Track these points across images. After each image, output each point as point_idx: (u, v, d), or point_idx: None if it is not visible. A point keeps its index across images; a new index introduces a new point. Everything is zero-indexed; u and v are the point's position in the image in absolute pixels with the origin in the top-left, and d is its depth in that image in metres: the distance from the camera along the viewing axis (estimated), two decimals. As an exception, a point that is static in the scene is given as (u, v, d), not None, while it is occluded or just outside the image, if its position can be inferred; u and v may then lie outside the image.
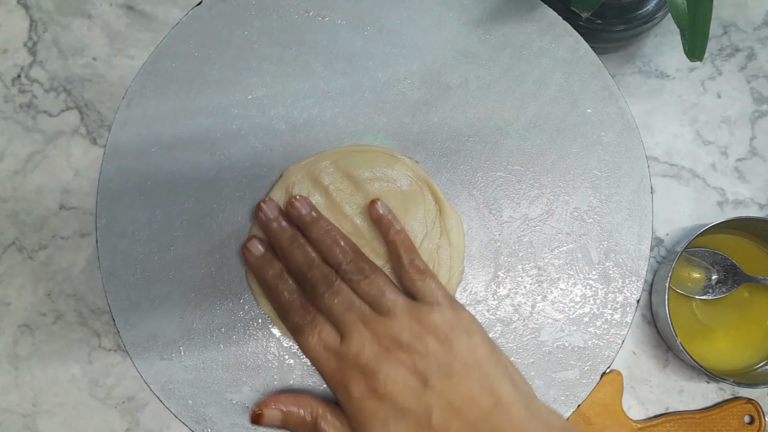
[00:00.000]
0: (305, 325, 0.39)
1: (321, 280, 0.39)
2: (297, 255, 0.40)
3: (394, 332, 0.37)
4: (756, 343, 0.51)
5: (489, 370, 0.37)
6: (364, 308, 0.39)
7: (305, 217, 0.40)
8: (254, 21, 0.43)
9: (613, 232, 0.43)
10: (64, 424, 0.51)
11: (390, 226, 0.41)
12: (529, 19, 0.43)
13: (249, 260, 0.41)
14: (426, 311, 0.38)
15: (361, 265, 0.39)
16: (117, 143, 0.42)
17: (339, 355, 0.38)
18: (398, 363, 0.37)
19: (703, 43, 0.38)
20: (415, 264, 0.40)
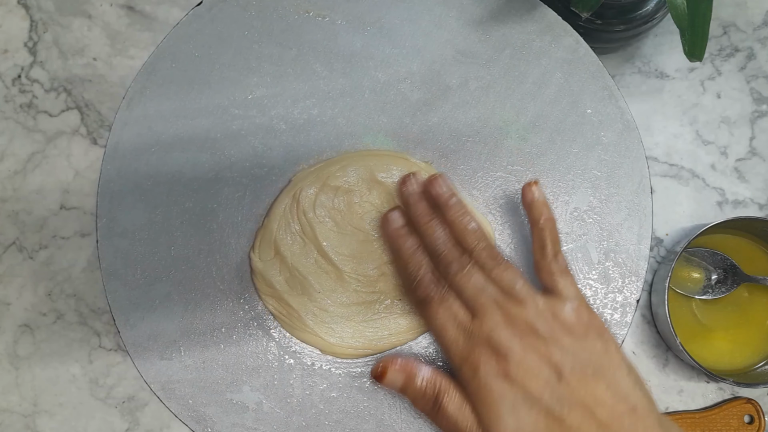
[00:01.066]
0: (436, 298, 0.38)
1: (455, 260, 0.39)
2: (434, 233, 0.39)
3: (530, 319, 0.37)
4: (756, 343, 0.51)
5: (623, 376, 0.36)
6: (497, 292, 0.38)
7: (444, 195, 0.40)
8: (254, 21, 0.43)
9: (612, 232, 0.43)
10: (64, 424, 0.51)
11: (544, 211, 0.39)
12: (529, 19, 0.43)
13: (387, 230, 0.41)
14: (561, 306, 0.37)
15: (494, 253, 0.39)
16: (117, 143, 0.42)
17: (469, 332, 0.37)
18: (533, 350, 0.36)
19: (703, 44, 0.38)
20: (559, 257, 0.39)
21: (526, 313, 0.37)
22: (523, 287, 0.38)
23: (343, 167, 0.42)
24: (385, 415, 0.41)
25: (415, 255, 0.40)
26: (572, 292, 0.38)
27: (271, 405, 0.41)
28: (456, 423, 0.36)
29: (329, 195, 0.41)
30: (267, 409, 0.41)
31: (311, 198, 0.41)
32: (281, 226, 0.41)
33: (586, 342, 0.36)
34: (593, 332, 0.37)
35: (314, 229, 0.41)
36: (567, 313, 0.37)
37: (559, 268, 0.39)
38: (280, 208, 0.41)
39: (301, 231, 0.41)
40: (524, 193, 0.40)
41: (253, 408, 0.41)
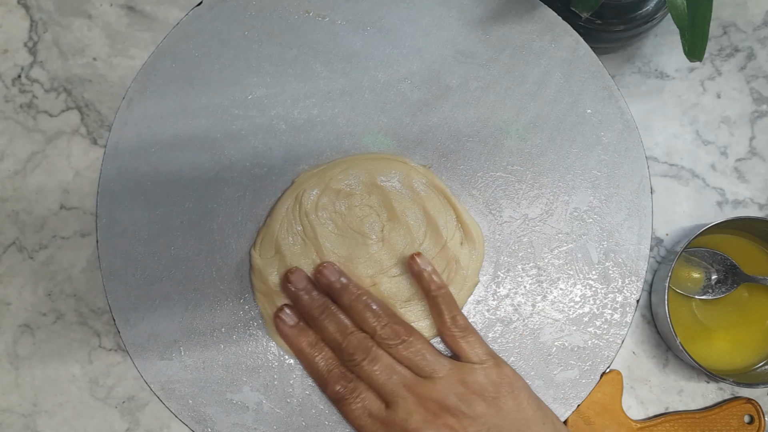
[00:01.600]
0: (347, 394, 0.39)
1: (358, 347, 0.38)
2: (330, 324, 0.39)
3: (440, 396, 0.37)
4: (756, 343, 0.51)
5: (538, 429, 0.37)
6: (406, 373, 0.38)
7: (335, 284, 0.40)
8: (254, 21, 0.43)
9: (612, 232, 0.43)
10: (64, 424, 0.51)
11: (431, 281, 0.40)
12: (529, 19, 0.43)
13: (282, 331, 0.40)
14: (470, 372, 0.38)
15: (396, 329, 0.39)
16: (117, 143, 0.42)
17: (385, 423, 0.38)
18: (447, 428, 0.37)
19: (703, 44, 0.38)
20: (457, 321, 0.40)
21: (435, 390, 0.37)
22: (431, 359, 0.38)
23: (344, 170, 0.42)
24: (385, 415, 0.41)
25: (315, 352, 0.40)
26: (477, 352, 0.39)
27: (271, 405, 0.41)
28: None
29: (331, 197, 0.41)
30: (267, 409, 0.41)
31: (314, 200, 0.41)
32: (283, 225, 0.41)
33: (499, 403, 0.37)
34: (504, 390, 0.38)
35: (315, 231, 0.41)
36: (477, 377, 0.38)
37: (459, 331, 0.39)
38: (282, 208, 0.41)
39: (302, 232, 0.41)
40: (409, 266, 0.41)
41: (253, 408, 0.41)
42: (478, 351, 0.39)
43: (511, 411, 0.37)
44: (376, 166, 0.42)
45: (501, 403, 0.37)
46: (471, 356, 0.39)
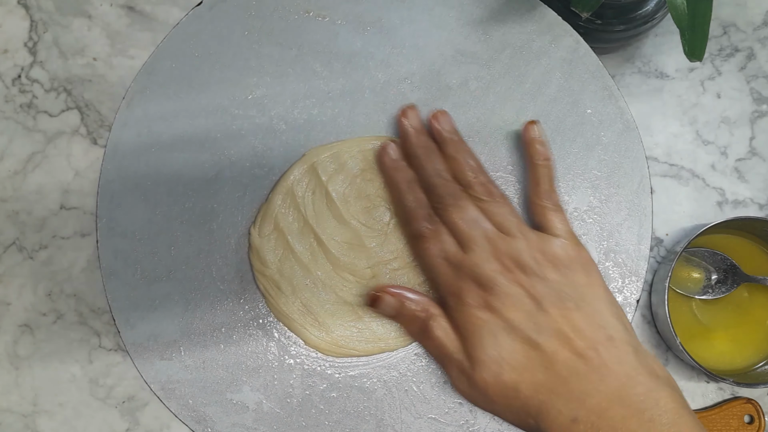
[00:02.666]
0: (428, 233, 0.39)
1: (449, 193, 0.39)
2: (430, 165, 0.40)
3: (516, 253, 0.38)
4: (756, 343, 0.51)
5: (602, 307, 0.37)
6: (489, 227, 0.39)
7: (444, 132, 0.41)
8: (254, 21, 0.43)
9: (612, 232, 0.43)
10: (64, 424, 0.51)
11: (542, 151, 0.41)
12: (529, 19, 0.43)
13: (384, 162, 0.41)
14: (549, 241, 0.39)
15: (490, 188, 0.40)
16: (117, 143, 0.42)
17: (457, 265, 0.38)
18: (516, 282, 0.37)
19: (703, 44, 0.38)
20: (552, 195, 0.41)
21: (513, 247, 0.38)
22: (515, 223, 0.39)
23: (363, 152, 0.42)
24: (385, 415, 0.42)
25: (409, 189, 0.41)
26: (562, 228, 0.40)
27: (271, 405, 0.41)
28: (442, 346, 0.38)
29: (342, 180, 0.41)
30: (267, 409, 0.41)
31: (325, 177, 0.41)
32: (285, 200, 0.41)
33: (570, 275, 0.38)
34: (578, 266, 0.38)
35: (317, 211, 0.41)
36: (554, 248, 0.39)
37: (551, 205, 0.40)
38: (288, 181, 0.41)
39: (304, 209, 0.41)
40: (525, 131, 0.42)
41: (253, 408, 0.41)
42: (561, 227, 0.40)
43: (581, 284, 0.38)
44: None
45: (573, 275, 0.38)
46: (555, 229, 0.39)
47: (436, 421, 0.42)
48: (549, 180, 0.41)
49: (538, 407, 0.35)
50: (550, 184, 0.41)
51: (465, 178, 0.40)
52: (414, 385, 0.42)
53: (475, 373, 0.37)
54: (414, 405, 0.42)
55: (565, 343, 0.36)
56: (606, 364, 0.35)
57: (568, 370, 0.35)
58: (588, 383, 0.35)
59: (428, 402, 0.42)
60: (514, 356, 0.36)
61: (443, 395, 0.42)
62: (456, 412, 0.42)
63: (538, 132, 0.41)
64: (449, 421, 0.42)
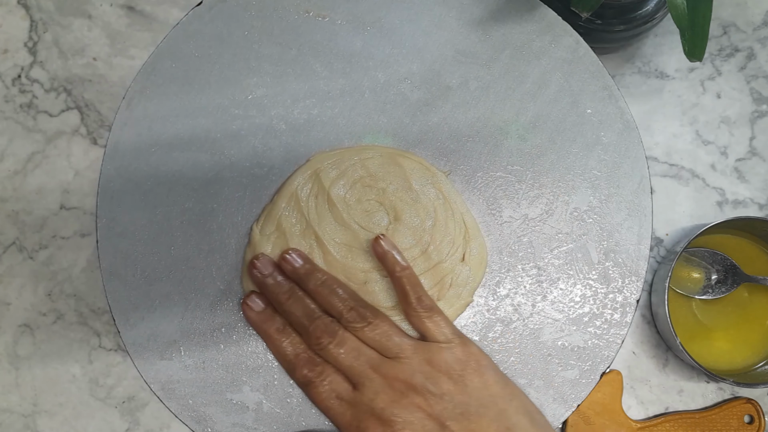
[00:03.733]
0: (314, 377, 0.39)
1: (324, 331, 0.39)
2: (296, 309, 0.39)
3: (406, 375, 0.37)
4: (756, 343, 0.51)
5: (505, 406, 0.37)
6: (372, 354, 0.38)
7: (299, 269, 0.40)
8: (254, 21, 0.43)
9: (612, 232, 0.43)
10: (64, 424, 0.51)
11: (395, 263, 0.40)
12: (529, 19, 0.43)
13: (250, 317, 0.41)
14: (436, 351, 0.38)
15: (362, 312, 0.39)
16: (117, 143, 0.42)
17: (352, 404, 0.38)
18: (414, 407, 0.37)
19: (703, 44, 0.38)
20: (422, 301, 0.40)
21: (402, 370, 0.38)
22: (396, 340, 0.39)
23: (364, 159, 0.42)
24: (385, 415, 0.41)
25: (283, 337, 0.40)
26: (443, 331, 0.39)
27: (271, 405, 0.41)
28: None
29: (345, 185, 0.41)
30: (267, 409, 0.41)
31: (327, 184, 0.41)
32: (290, 204, 0.41)
33: (465, 381, 0.37)
34: (470, 368, 0.38)
35: (319, 213, 0.41)
36: (441, 355, 0.38)
37: (424, 312, 0.39)
38: (292, 186, 0.41)
39: (307, 212, 0.41)
40: (374, 248, 0.41)
41: (253, 408, 0.41)
42: (444, 330, 0.39)
43: (477, 388, 0.37)
44: (397, 165, 0.42)
45: (467, 381, 0.37)
46: (437, 336, 0.39)
47: (436, 421, 0.42)
48: (414, 287, 0.40)
49: None
50: (416, 292, 0.40)
51: (335, 308, 0.39)
52: (414, 385, 0.42)
53: None
54: (414, 405, 0.42)
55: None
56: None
57: None
58: None
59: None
60: None
61: (443, 395, 0.42)
62: (456, 412, 0.42)
63: (388, 245, 0.40)
64: (449, 421, 0.42)
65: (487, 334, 0.42)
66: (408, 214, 0.41)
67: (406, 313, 0.40)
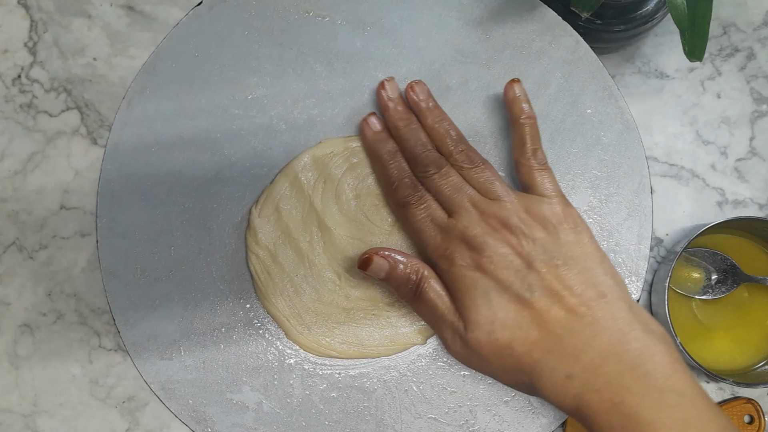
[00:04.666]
0: (414, 200, 0.40)
1: (432, 162, 0.40)
2: (411, 136, 0.40)
3: (502, 214, 0.38)
4: (756, 343, 0.51)
5: (593, 265, 0.37)
6: (473, 192, 0.39)
7: (421, 103, 0.41)
8: (254, 21, 0.43)
9: (612, 232, 0.43)
10: (64, 424, 0.51)
11: (525, 109, 0.41)
12: (529, 19, 0.43)
13: (366, 134, 0.42)
14: (536, 202, 0.39)
15: (472, 156, 0.40)
16: (117, 143, 0.42)
17: (445, 229, 0.39)
18: (505, 242, 0.37)
19: (703, 44, 0.38)
20: (537, 154, 0.40)
21: (500, 209, 0.38)
22: (498, 187, 0.39)
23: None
24: (385, 415, 0.42)
25: (393, 159, 0.41)
26: (549, 187, 0.39)
27: (271, 405, 0.41)
28: (435, 308, 0.38)
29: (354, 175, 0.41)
30: (267, 409, 0.41)
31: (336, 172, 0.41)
32: (293, 185, 0.41)
33: (559, 234, 0.38)
34: (566, 225, 0.38)
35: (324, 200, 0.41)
36: (541, 208, 0.38)
37: (537, 164, 0.40)
38: (295, 168, 0.41)
39: (312, 196, 0.41)
40: (506, 90, 0.41)
41: (253, 408, 0.41)
42: (549, 186, 0.39)
43: (570, 243, 0.38)
44: None
45: (560, 235, 0.38)
46: (542, 189, 0.39)
47: (436, 421, 0.42)
48: (533, 138, 0.40)
49: (532, 365, 0.35)
50: (534, 143, 0.40)
51: (446, 147, 0.40)
52: (414, 385, 0.42)
53: (468, 333, 0.37)
54: (414, 405, 0.42)
55: (557, 301, 0.36)
56: (599, 320, 0.35)
57: (561, 327, 0.35)
58: (581, 340, 0.34)
59: (428, 402, 0.42)
60: (506, 315, 0.36)
61: (443, 395, 0.42)
62: (456, 412, 0.42)
63: (520, 90, 0.41)
64: (449, 421, 0.42)
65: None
66: None
67: (518, 163, 0.41)
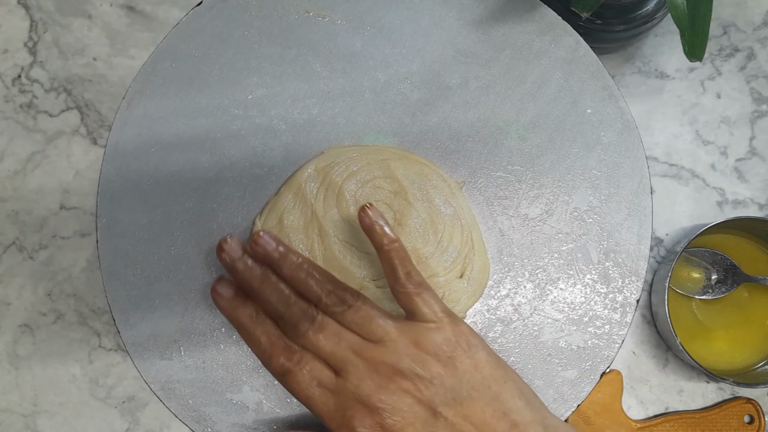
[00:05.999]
0: (292, 366, 0.36)
1: (302, 317, 0.36)
2: (270, 294, 0.36)
3: (393, 359, 0.35)
4: (756, 343, 0.51)
5: (498, 389, 0.35)
6: (355, 339, 0.36)
7: (272, 253, 0.37)
8: (254, 21, 0.43)
9: (612, 232, 0.43)
10: (64, 424, 0.51)
11: (383, 234, 0.37)
12: (529, 19, 0.43)
13: (220, 305, 0.38)
14: (423, 331, 0.36)
15: (341, 295, 0.37)
16: (117, 143, 0.42)
17: (336, 392, 0.35)
18: (402, 392, 0.35)
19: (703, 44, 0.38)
20: (411, 277, 0.37)
21: (387, 354, 0.35)
22: (379, 325, 0.36)
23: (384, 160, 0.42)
24: (385, 415, 0.41)
25: (256, 325, 0.37)
26: (431, 309, 0.37)
27: (271, 405, 0.41)
28: None
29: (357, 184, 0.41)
30: (267, 409, 0.41)
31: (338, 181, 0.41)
32: (297, 196, 0.41)
33: (455, 363, 0.35)
34: (460, 350, 0.36)
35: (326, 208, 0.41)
36: (430, 336, 0.36)
37: (413, 287, 0.37)
38: (301, 178, 0.41)
39: (314, 205, 0.41)
40: (360, 219, 0.38)
41: (253, 408, 0.41)
42: (434, 308, 0.36)
43: (469, 371, 0.35)
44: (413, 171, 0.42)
45: (457, 363, 0.35)
46: (426, 313, 0.36)
47: (436, 421, 0.42)
48: (403, 262, 0.37)
49: None
50: (405, 266, 0.37)
51: (313, 293, 0.36)
52: (414, 385, 0.42)
53: None
54: (414, 405, 0.42)
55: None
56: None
57: None
58: None
59: (428, 402, 0.42)
60: None
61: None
62: (456, 412, 0.42)
63: (373, 215, 0.37)
64: (449, 421, 0.42)
65: (487, 334, 0.42)
66: (413, 221, 0.41)
67: (393, 290, 0.37)
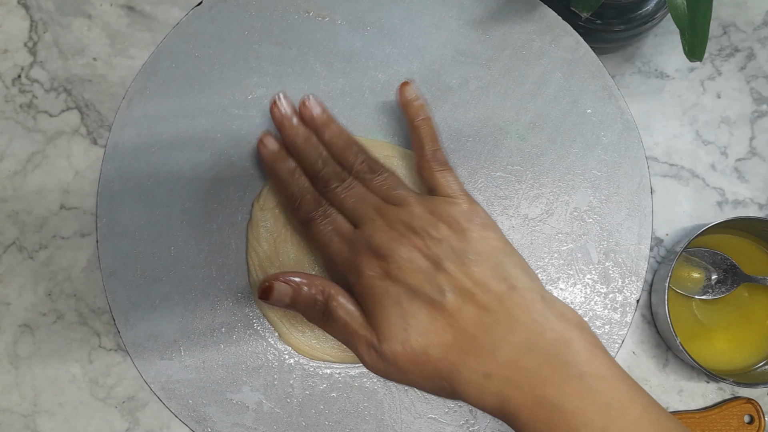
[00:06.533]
0: (317, 215, 0.39)
1: (333, 176, 0.39)
2: (310, 153, 0.40)
3: (407, 218, 0.37)
4: (756, 343, 0.51)
5: (502, 259, 0.36)
6: (376, 200, 0.39)
7: (317, 118, 0.41)
8: (254, 21, 0.43)
9: (612, 232, 0.43)
10: (64, 424, 0.51)
11: (420, 108, 0.40)
12: (529, 19, 0.43)
13: (263, 155, 0.41)
14: (441, 203, 0.38)
15: (372, 164, 0.40)
16: (117, 143, 0.42)
17: (352, 240, 0.38)
18: (412, 246, 0.36)
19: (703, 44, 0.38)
20: (437, 155, 0.40)
21: (404, 213, 0.37)
22: (402, 193, 0.39)
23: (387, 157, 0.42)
24: (385, 415, 0.42)
25: (293, 177, 0.40)
26: (453, 188, 0.39)
27: (271, 405, 0.41)
28: (346, 325, 0.36)
29: None
30: (267, 409, 0.41)
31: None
32: None
33: (466, 232, 0.37)
34: (472, 222, 0.37)
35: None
36: (446, 208, 0.38)
37: (438, 165, 0.39)
38: None
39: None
40: (399, 94, 0.41)
41: (253, 408, 0.41)
42: (453, 187, 0.39)
43: (477, 239, 0.37)
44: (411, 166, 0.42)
45: (467, 233, 0.37)
46: (446, 190, 0.39)
47: (436, 421, 0.42)
48: (431, 139, 0.40)
49: (449, 369, 0.34)
50: (433, 144, 0.40)
51: (347, 160, 0.40)
52: (414, 385, 0.42)
53: (383, 345, 0.35)
54: (414, 405, 0.42)
55: (468, 299, 0.35)
56: (512, 314, 0.34)
57: (474, 326, 0.34)
58: (496, 336, 0.34)
59: (428, 402, 0.42)
60: (419, 321, 0.35)
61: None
62: (456, 412, 0.42)
63: (413, 92, 0.41)
64: (449, 421, 0.42)
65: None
66: None
67: (418, 166, 0.40)
